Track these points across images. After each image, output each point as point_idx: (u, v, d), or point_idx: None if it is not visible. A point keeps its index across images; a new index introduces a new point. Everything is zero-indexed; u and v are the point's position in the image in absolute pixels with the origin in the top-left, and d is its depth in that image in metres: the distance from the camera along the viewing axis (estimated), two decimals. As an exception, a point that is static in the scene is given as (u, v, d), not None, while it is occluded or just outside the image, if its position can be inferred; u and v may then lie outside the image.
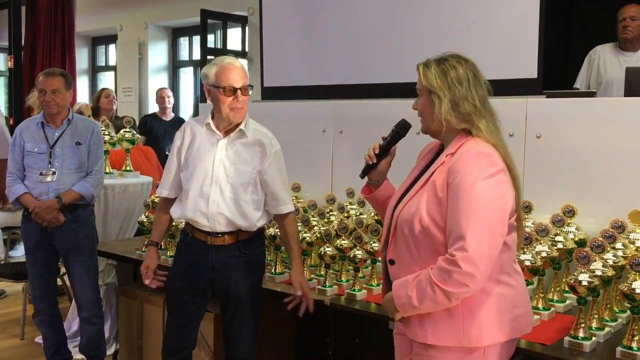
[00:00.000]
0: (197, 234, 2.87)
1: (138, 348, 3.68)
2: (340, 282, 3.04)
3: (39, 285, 3.73)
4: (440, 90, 1.99)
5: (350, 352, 3.20)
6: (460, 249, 1.85)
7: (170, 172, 2.95)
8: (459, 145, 1.99)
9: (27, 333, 4.68)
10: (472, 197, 1.88)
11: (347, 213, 3.39)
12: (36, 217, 3.55)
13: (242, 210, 2.82)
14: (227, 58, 2.83)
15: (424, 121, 2.09)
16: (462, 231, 1.86)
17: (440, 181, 1.96)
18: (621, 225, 2.69)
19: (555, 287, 2.74)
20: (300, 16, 4.37)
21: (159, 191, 3.03)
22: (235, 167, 2.80)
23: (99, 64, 10.24)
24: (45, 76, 3.63)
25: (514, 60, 3.33)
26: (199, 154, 2.84)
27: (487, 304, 1.98)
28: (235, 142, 2.83)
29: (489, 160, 1.93)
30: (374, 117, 3.66)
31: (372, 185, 2.31)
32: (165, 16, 8.59)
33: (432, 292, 1.90)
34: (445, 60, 2.03)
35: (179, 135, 2.94)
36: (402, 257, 2.04)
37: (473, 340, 1.97)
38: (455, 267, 1.86)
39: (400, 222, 2.04)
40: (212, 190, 2.79)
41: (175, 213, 2.94)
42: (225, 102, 2.74)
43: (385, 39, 3.87)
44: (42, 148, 3.63)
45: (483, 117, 2.00)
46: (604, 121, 2.90)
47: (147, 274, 2.95)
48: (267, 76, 4.58)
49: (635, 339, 2.21)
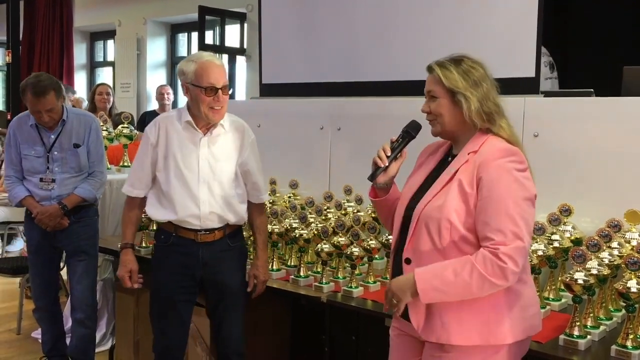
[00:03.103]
0: (183, 232, 2.81)
1: (135, 343, 3.68)
2: (336, 279, 3.04)
3: (40, 284, 3.71)
4: (466, 91, 2.00)
5: (347, 349, 3.21)
6: (501, 244, 1.86)
7: (143, 170, 2.83)
8: (480, 144, 2.01)
9: (24, 327, 4.68)
10: (508, 190, 1.90)
11: (345, 210, 3.40)
12: (40, 223, 3.49)
13: (232, 206, 2.83)
14: (205, 55, 2.79)
15: (441, 123, 2.06)
16: (500, 225, 1.87)
17: (468, 178, 1.96)
18: (617, 225, 2.70)
19: (551, 286, 2.75)
20: (299, 13, 4.36)
21: (128, 190, 2.89)
22: (219, 164, 2.79)
23: (97, 60, 10.21)
24: (36, 97, 3.34)
25: (512, 59, 3.32)
26: (182, 153, 2.77)
27: (511, 301, 1.98)
28: (215, 138, 2.81)
29: (519, 157, 1.97)
30: (372, 114, 3.67)
31: (380, 189, 2.23)
32: (164, 12, 8.57)
33: (469, 276, 1.87)
34: (462, 60, 2.04)
35: (152, 132, 2.82)
36: (423, 254, 1.99)
37: (500, 338, 1.96)
38: (498, 259, 1.86)
39: (425, 218, 1.99)
40: (201, 191, 2.76)
41: (158, 215, 2.84)
42: (205, 102, 2.70)
43: (384, 37, 3.87)
44: (39, 151, 3.51)
45: (503, 116, 2.04)
46: (601, 120, 2.91)
47: (131, 278, 2.88)
48: (266, 73, 4.57)
49: (629, 337, 2.22)
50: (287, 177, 3.86)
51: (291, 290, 3.03)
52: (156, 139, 2.81)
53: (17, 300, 4.81)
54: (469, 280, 1.88)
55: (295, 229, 3.17)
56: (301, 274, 3.10)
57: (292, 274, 3.15)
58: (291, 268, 3.25)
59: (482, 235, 1.91)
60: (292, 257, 3.33)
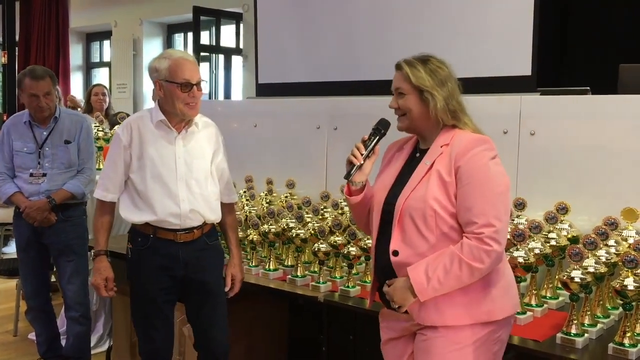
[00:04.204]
0: (162, 233, 2.76)
1: (131, 344, 3.67)
2: (334, 278, 3.04)
3: (31, 283, 3.71)
4: (433, 89, 2.09)
5: (344, 349, 3.20)
6: (485, 226, 1.95)
7: (117, 173, 2.77)
8: (451, 137, 2.10)
9: (21, 329, 4.66)
10: (486, 176, 2.01)
11: (341, 210, 3.39)
12: (27, 218, 3.52)
13: (210, 204, 2.82)
14: (177, 52, 2.79)
15: (409, 118, 2.14)
16: (482, 209, 1.97)
17: (446, 168, 2.04)
18: (614, 223, 2.70)
19: (548, 284, 2.76)
20: (295, 13, 4.36)
21: (101, 194, 2.80)
22: (196, 162, 2.78)
23: (94, 60, 10.20)
24: (34, 80, 3.48)
25: (508, 58, 3.33)
26: (158, 152, 2.74)
27: (496, 280, 2.08)
28: (190, 136, 2.79)
29: (490, 145, 2.07)
30: (368, 114, 3.63)
31: (354, 187, 2.25)
32: (160, 12, 8.56)
33: (459, 270, 1.97)
34: (428, 60, 2.13)
35: (124, 133, 2.76)
36: (411, 245, 2.07)
37: (489, 315, 2.06)
38: (483, 244, 1.95)
39: (408, 210, 2.06)
40: (179, 189, 2.73)
41: (136, 217, 2.77)
42: (180, 98, 2.67)
43: (380, 36, 3.87)
44: (31, 148, 3.58)
45: (466, 113, 2.14)
46: (597, 118, 2.91)
47: (107, 286, 2.81)
48: (262, 73, 4.57)
49: (627, 335, 2.22)
50: (284, 176, 3.86)
51: (288, 290, 3.02)
52: (129, 140, 2.76)
53: (14, 302, 4.79)
54: (460, 273, 1.98)
55: (292, 229, 3.16)
56: (298, 274, 3.10)
57: (289, 273, 3.14)
58: (288, 268, 3.24)
59: (466, 220, 2.00)
60: (289, 256, 3.32)
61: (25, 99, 3.55)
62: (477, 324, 2.05)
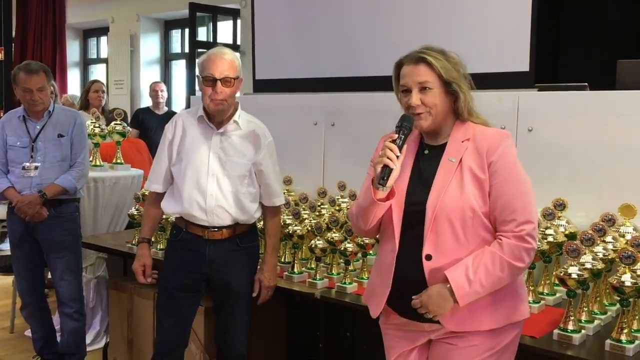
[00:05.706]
0: (192, 228, 2.82)
1: (128, 341, 3.66)
2: (330, 275, 3.03)
3: (25, 279, 3.70)
4: (460, 81, 2.00)
5: (341, 346, 3.20)
6: (525, 223, 1.91)
7: (160, 166, 2.89)
8: (470, 131, 2.02)
9: (17, 326, 4.66)
10: (518, 173, 1.98)
11: (338, 206, 3.39)
12: (19, 212, 3.51)
13: (241, 203, 2.80)
14: (218, 48, 2.79)
15: (434, 114, 2.00)
16: (522, 206, 1.93)
17: (477, 163, 1.97)
18: (611, 219, 2.70)
19: (545, 280, 2.75)
20: (293, 9, 4.35)
21: (148, 185, 2.97)
22: (231, 159, 2.78)
23: (91, 57, 10.18)
24: (28, 74, 3.50)
25: (506, 54, 3.32)
26: (193, 147, 2.79)
27: (520, 279, 2.07)
28: (229, 134, 2.80)
29: (512, 139, 2.04)
30: (366, 110, 3.65)
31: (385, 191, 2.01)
32: (157, 8, 8.54)
33: (501, 271, 1.91)
34: (444, 51, 2.03)
35: (169, 128, 2.87)
36: (445, 248, 1.96)
37: (520, 315, 2.04)
38: (524, 242, 1.91)
39: (445, 211, 1.94)
40: (209, 184, 2.76)
41: (168, 208, 2.88)
42: (207, 93, 2.70)
43: (377, 31, 3.86)
44: (24, 142, 3.59)
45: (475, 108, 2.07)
46: (595, 114, 2.90)
47: (144, 272, 2.92)
48: (259, 69, 4.56)
49: (624, 331, 2.22)
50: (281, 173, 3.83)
51: (285, 287, 3.01)
52: (172, 135, 2.86)
53: (10, 299, 4.78)
54: (502, 275, 1.92)
55: (289, 225, 3.15)
56: (295, 270, 3.09)
57: (286, 270, 3.14)
58: (285, 264, 3.23)
59: (504, 217, 1.94)
60: (286, 253, 3.31)
61: (19, 93, 3.57)
62: (509, 325, 2.01)
